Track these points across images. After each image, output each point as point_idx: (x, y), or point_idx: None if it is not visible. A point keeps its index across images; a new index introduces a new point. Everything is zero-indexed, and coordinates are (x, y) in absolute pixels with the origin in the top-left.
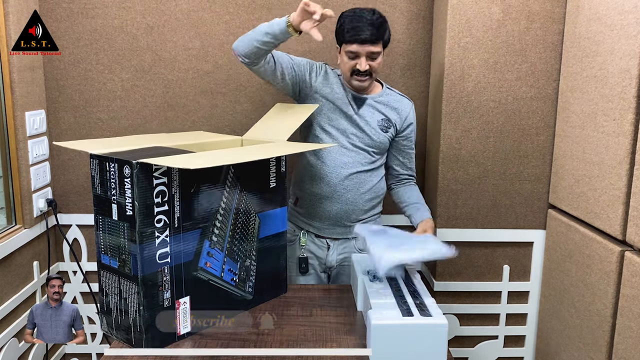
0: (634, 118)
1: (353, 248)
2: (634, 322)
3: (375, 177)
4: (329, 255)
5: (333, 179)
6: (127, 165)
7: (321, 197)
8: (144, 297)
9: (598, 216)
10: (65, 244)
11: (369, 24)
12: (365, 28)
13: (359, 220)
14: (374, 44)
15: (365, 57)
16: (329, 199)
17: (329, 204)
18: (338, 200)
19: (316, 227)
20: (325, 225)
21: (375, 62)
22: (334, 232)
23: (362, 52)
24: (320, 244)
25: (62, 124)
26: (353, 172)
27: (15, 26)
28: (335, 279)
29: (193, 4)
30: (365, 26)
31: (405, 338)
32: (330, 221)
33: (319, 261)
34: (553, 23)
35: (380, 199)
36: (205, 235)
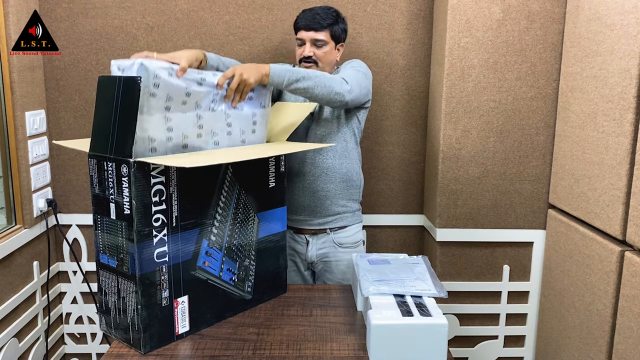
0: (634, 118)
1: (332, 242)
2: (634, 322)
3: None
4: (309, 251)
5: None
6: (125, 164)
7: (294, 190)
8: (142, 297)
9: (598, 216)
10: (65, 244)
11: (315, 13)
12: (311, 16)
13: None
14: (317, 31)
15: (309, 44)
16: (302, 191)
17: (301, 197)
18: (308, 190)
19: (294, 221)
20: (302, 217)
21: (321, 50)
22: (312, 223)
23: (306, 39)
24: (300, 239)
25: (62, 124)
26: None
27: (15, 26)
28: (320, 275)
29: (193, 4)
30: (311, 15)
31: (405, 338)
32: (306, 213)
33: (300, 258)
34: (553, 23)
35: (357, 189)
36: (204, 235)
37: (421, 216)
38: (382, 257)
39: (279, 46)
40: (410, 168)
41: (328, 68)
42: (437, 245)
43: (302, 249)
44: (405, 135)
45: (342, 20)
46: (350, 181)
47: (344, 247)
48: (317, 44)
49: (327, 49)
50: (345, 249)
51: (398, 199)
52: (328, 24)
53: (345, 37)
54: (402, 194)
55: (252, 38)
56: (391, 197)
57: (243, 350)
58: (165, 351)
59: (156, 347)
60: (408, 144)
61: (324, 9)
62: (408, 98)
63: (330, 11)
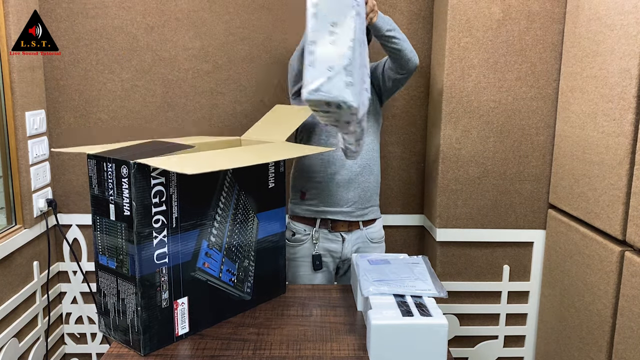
0: (634, 118)
1: (365, 238)
2: (634, 322)
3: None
4: (345, 248)
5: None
6: (125, 165)
7: (339, 184)
8: (141, 298)
9: (598, 216)
10: (65, 244)
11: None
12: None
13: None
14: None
15: None
16: (347, 184)
17: (345, 190)
18: (355, 185)
19: (332, 214)
20: (345, 209)
21: None
22: (353, 215)
23: None
24: (334, 237)
25: (62, 124)
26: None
27: (15, 26)
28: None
29: (193, 4)
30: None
31: (405, 338)
32: (348, 205)
33: (333, 257)
34: (553, 23)
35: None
36: (204, 236)
37: (421, 216)
38: (382, 257)
39: (278, 46)
40: (410, 168)
41: None
42: (437, 245)
43: (337, 246)
44: (405, 135)
45: None
46: (379, 174)
47: (374, 242)
48: None
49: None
50: (375, 244)
51: (398, 199)
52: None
53: None
54: (402, 194)
55: (252, 38)
56: (391, 197)
57: (243, 350)
58: (166, 351)
59: (156, 349)
60: (408, 144)
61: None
62: (408, 98)
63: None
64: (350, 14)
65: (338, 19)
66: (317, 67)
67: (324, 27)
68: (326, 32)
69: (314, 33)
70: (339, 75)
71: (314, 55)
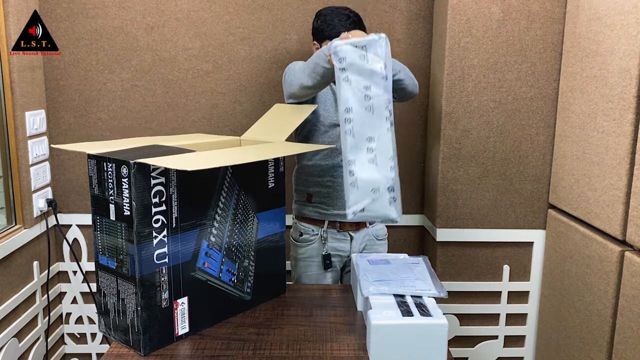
0: (634, 118)
1: (371, 236)
2: (634, 322)
3: None
4: (353, 247)
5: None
6: (125, 165)
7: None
8: (141, 298)
9: (598, 216)
10: (65, 244)
11: (351, 21)
12: (348, 24)
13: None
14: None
15: None
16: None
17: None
18: None
19: (341, 216)
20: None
21: None
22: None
23: None
24: (343, 237)
25: (62, 124)
26: None
27: (15, 26)
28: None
29: (193, 4)
30: (348, 22)
31: (405, 338)
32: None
33: (340, 256)
34: (553, 23)
35: None
36: (203, 236)
37: (421, 216)
38: (382, 257)
39: (279, 46)
40: (410, 168)
41: None
42: (437, 245)
43: (346, 245)
44: (405, 135)
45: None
46: None
47: (380, 239)
48: None
49: None
50: (380, 241)
51: None
52: (363, 29)
53: None
54: (402, 194)
55: (252, 38)
56: None
57: (243, 350)
58: (165, 351)
59: (156, 349)
60: (408, 144)
61: (354, 14)
62: None
63: (358, 15)
64: (386, 126)
65: (374, 133)
66: (360, 188)
67: (361, 143)
68: (364, 150)
69: (352, 151)
70: (383, 196)
71: (355, 176)
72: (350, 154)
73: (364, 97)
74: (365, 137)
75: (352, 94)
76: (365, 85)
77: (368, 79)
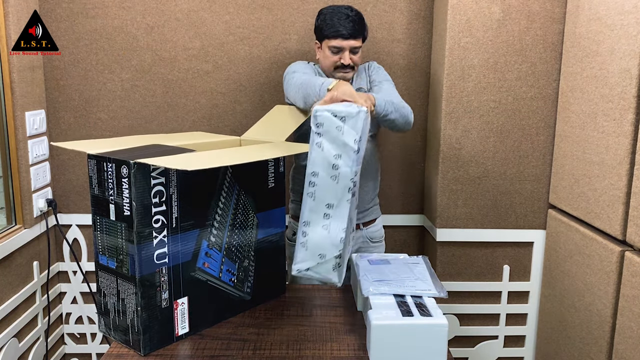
0: (634, 118)
1: (365, 238)
2: (634, 322)
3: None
4: None
5: None
6: (125, 165)
7: None
8: (141, 298)
9: (598, 216)
10: (65, 244)
11: (350, 20)
12: (348, 24)
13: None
14: (355, 39)
15: (348, 51)
16: None
17: None
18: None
19: None
20: None
21: (357, 56)
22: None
23: (345, 47)
24: None
25: (62, 124)
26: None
27: (15, 26)
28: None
29: (193, 4)
30: (347, 22)
31: (405, 338)
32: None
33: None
34: (553, 23)
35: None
36: (203, 236)
37: (421, 216)
38: (382, 257)
39: (278, 46)
40: (410, 168)
41: (357, 68)
42: (437, 245)
43: None
44: (406, 135)
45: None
46: (378, 174)
47: (374, 241)
48: (355, 50)
49: (360, 53)
50: (375, 244)
51: (398, 199)
52: (364, 28)
53: None
54: (402, 194)
55: (252, 38)
56: (391, 197)
57: (243, 350)
58: (165, 351)
59: (156, 349)
60: (408, 144)
61: (355, 13)
62: (408, 98)
63: (360, 14)
64: (347, 197)
65: (334, 201)
66: (309, 250)
67: (319, 208)
68: (321, 215)
69: (309, 213)
70: (329, 262)
71: (307, 237)
72: (306, 216)
73: (332, 166)
74: (324, 203)
75: (321, 159)
76: (335, 154)
77: (340, 149)
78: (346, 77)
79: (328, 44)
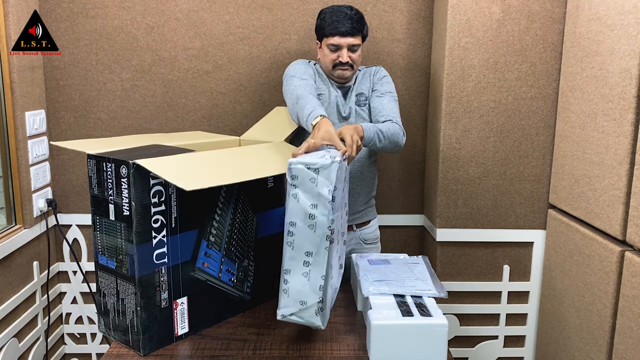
0: (634, 118)
1: (358, 239)
2: (634, 322)
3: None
4: None
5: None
6: (124, 165)
7: None
8: (141, 298)
9: (598, 216)
10: (65, 244)
11: (348, 18)
12: (346, 21)
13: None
14: (353, 37)
15: (346, 49)
16: None
17: None
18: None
19: None
20: None
21: (355, 54)
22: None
23: (343, 44)
24: None
25: (62, 124)
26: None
27: (15, 26)
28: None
29: (193, 4)
30: (346, 20)
31: (405, 338)
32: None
33: None
34: (553, 23)
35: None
36: (203, 236)
37: (421, 216)
38: (382, 257)
39: (278, 46)
40: (410, 168)
41: (357, 67)
42: (437, 245)
43: None
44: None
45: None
46: (374, 177)
47: (368, 243)
48: (353, 48)
49: (360, 51)
50: (369, 245)
51: (398, 199)
52: (362, 26)
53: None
54: (402, 194)
55: (252, 38)
56: (391, 197)
57: (243, 350)
58: (165, 351)
59: (155, 349)
60: (408, 144)
61: (355, 12)
62: (408, 98)
63: (360, 13)
64: (324, 245)
65: (312, 249)
66: (290, 297)
67: (298, 256)
68: (300, 263)
69: (289, 262)
70: (311, 307)
71: (288, 285)
72: (287, 264)
73: (309, 216)
74: (303, 252)
75: (298, 210)
76: (311, 204)
77: (315, 199)
78: (344, 75)
79: (327, 42)
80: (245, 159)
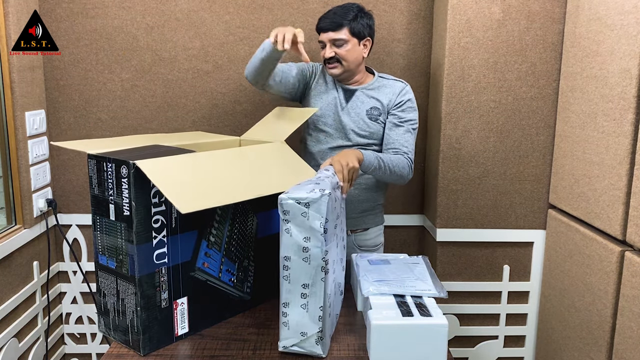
0: (634, 118)
1: (352, 244)
2: (634, 322)
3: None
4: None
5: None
6: (124, 166)
7: None
8: (141, 298)
9: (598, 216)
10: (65, 244)
11: (332, 13)
12: (328, 17)
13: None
14: (334, 31)
15: (329, 45)
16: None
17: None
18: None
19: None
20: None
21: (342, 49)
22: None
23: (325, 40)
24: None
25: (62, 124)
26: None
27: (15, 26)
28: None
29: (193, 4)
30: (329, 15)
31: (405, 338)
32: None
33: None
34: (553, 23)
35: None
36: (203, 236)
37: (421, 216)
38: (382, 257)
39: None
40: None
41: (354, 65)
42: (437, 245)
43: None
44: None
45: (364, 15)
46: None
47: (362, 249)
48: (337, 43)
49: (349, 47)
50: (364, 252)
51: (398, 199)
52: (348, 20)
53: (370, 33)
54: (402, 194)
55: (252, 38)
56: (391, 197)
57: (243, 350)
58: (165, 351)
59: (155, 349)
60: None
61: (343, 6)
62: None
63: (350, 7)
64: (320, 276)
65: (308, 281)
66: (290, 329)
67: (295, 289)
68: (298, 295)
69: (287, 295)
70: (311, 337)
71: (287, 317)
72: (285, 297)
73: (302, 249)
74: (300, 284)
75: (291, 244)
76: (304, 237)
77: (308, 232)
78: (333, 73)
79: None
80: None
